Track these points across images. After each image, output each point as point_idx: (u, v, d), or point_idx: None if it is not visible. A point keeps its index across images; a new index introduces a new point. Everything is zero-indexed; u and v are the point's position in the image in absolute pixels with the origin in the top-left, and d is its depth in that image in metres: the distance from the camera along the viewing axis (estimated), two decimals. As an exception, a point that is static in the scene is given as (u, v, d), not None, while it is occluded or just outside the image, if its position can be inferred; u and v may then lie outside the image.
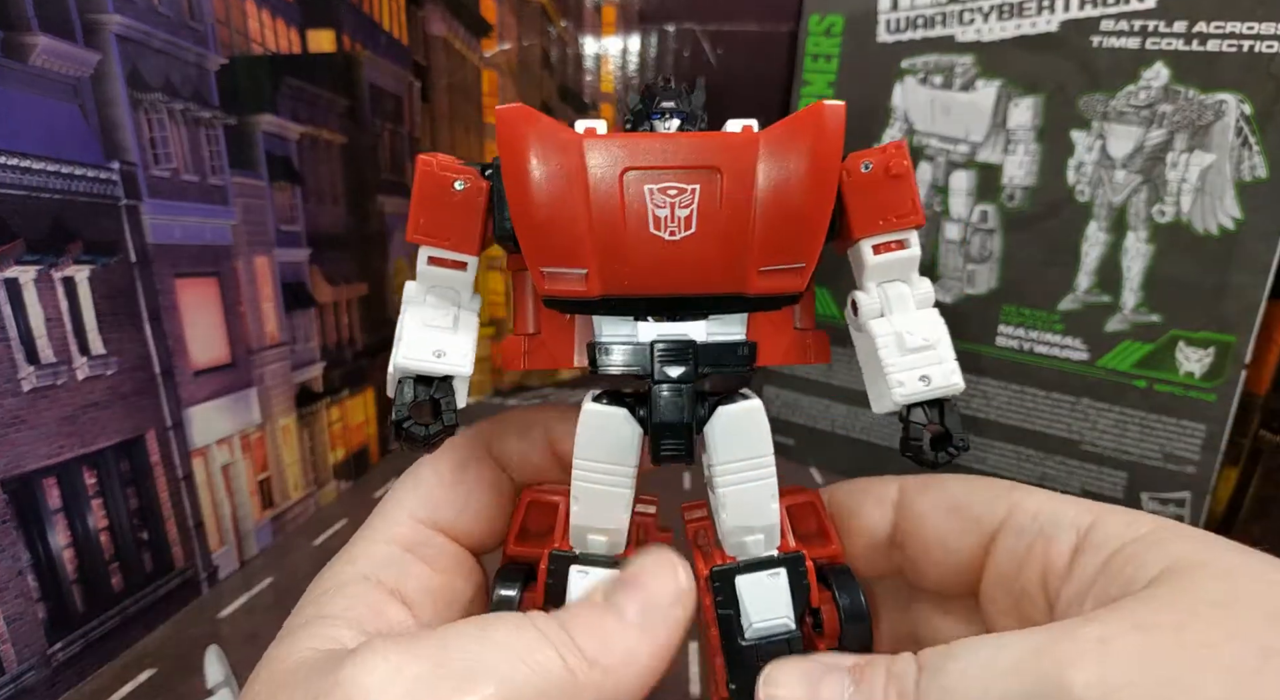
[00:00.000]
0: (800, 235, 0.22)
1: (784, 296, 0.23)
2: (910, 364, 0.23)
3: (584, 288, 0.22)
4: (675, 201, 0.22)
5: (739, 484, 0.24)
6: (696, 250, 0.22)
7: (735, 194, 0.22)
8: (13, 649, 0.34)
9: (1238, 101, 0.44)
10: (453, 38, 0.68)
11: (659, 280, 0.22)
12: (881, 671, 0.21)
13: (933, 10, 0.52)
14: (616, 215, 0.21)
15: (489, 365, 0.78)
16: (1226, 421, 0.47)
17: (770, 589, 0.24)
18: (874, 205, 0.23)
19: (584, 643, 0.21)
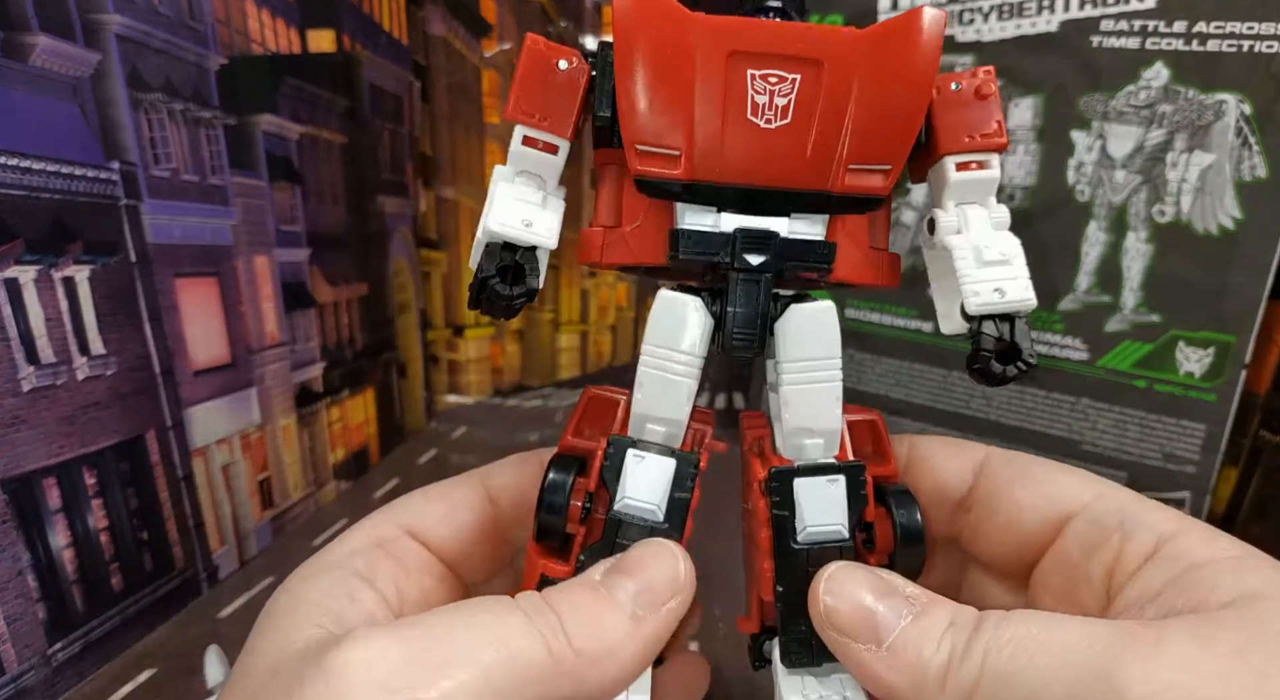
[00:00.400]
0: (892, 135, 0.22)
1: (867, 199, 0.23)
2: (986, 276, 0.23)
3: (676, 169, 0.22)
4: (775, 89, 0.22)
5: (805, 384, 0.23)
6: (790, 141, 0.22)
7: (834, 88, 0.22)
8: (13, 649, 0.34)
9: (1238, 101, 0.44)
10: (453, 38, 0.68)
11: (749, 169, 0.22)
12: (945, 616, 0.21)
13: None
14: (717, 96, 0.22)
15: (489, 365, 0.78)
16: (1226, 421, 0.47)
17: (828, 494, 0.23)
18: (962, 122, 0.23)
19: (571, 628, 0.20)
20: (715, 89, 0.22)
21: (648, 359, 0.24)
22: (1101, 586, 0.23)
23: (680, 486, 0.24)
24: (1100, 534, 0.23)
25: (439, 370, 0.76)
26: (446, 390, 0.77)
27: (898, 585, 0.22)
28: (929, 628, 0.21)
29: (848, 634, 0.21)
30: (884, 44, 0.22)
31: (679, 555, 0.23)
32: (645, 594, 0.22)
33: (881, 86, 0.22)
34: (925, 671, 0.20)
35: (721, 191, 0.23)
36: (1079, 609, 0.24)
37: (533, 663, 0.20)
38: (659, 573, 0.22)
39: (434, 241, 0.72)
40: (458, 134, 0.70)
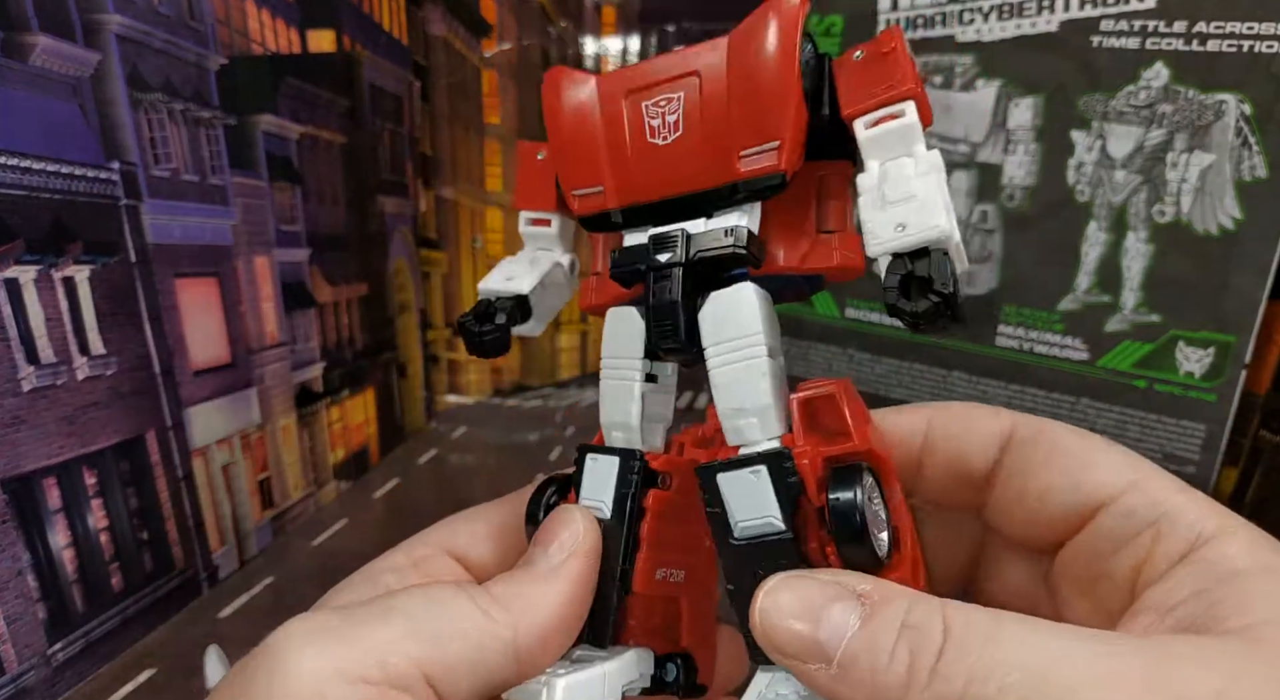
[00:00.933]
0: (770, 110, 0.23)
1: (769, 180, 0.23)
2: (887, 217, 0.22)
3: (602, 201, 0.25)
4: (665, 110, 0.24)
5: (728, 364, 0.23)
6: (685, 147, 0.24)
7: (712, 90, 0.24)
8: (13, 649, 0.34)
9: (1238, 101, 0.44)
10: (453, 38, 0.68)
11: (659, 182, 0.24)
12: (896, 616, 0.18)
13: (932, 10, 0.52)
14: (620, 132, 0.25)
15: (489, 365, 0.78)
16: (1226, 421, 0.47)
17: (752, 487, 0.22)
18: (864, 82, 0.23)
19: (498, 591, 0.22)
20: (618, 126, 0.25)
21: (603, 371, 0.25)
22: (1125, 584, 0.21)
23: (622, 482, 0.24)
24: (1130, 529, 0.21)
25: (439, 370, 0.76)
26: (446, 390, 0.77)
27: (846, 585, 0.20)
28: (878, 634, 0.18)
29: (795, 656, 0.19)
30: (745, 34, 0.24)
31: (576, 515, 0.24)
32: (555, 545, 0.23)
33: (749, 69, 0.23)
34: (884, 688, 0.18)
35: (647, 213, 0.25)
36: (1099, 603, 0.23)
37: (464, 614, 0.21)
38: (561, 538, 0.24)
39: (434, 241, 0.72)
40: (458, 134, 0.70)
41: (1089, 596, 0.23)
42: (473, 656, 0.21)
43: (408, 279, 0.69)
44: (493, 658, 0.21)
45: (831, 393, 0.23)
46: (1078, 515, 0.23)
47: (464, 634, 0.21)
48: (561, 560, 0.23)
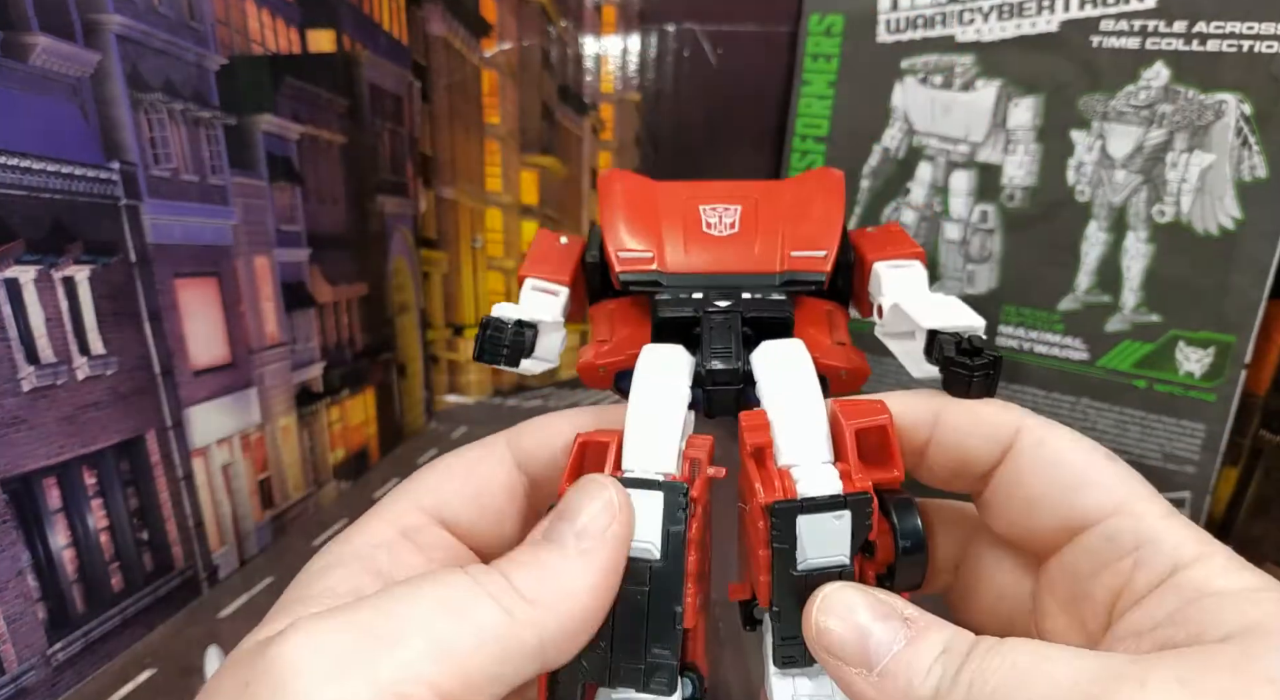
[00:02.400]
0: (822, 226, 0.29)
1: (812, 276, 0.27)
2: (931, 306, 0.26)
3: (650, 263, 0.28)
4: (722, 214, 0.29)
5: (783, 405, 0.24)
6: (739, 242, 0.28)
7: (768, 209, 0.29)
8: (13, 649, 0.34)
9: (1238, 101, 0.44)
10: (453, 38, 0.68)
11: (709, 264, 0.28)
12: (939, 642, 0.20)
13: (933, 10, 0.52)
14: (677, 220, 0.29)
15: (489, 366, 0.78)
16: (1226, 421, 0.47)
17: (832, 529, 0.23)
18: (881, 243, 0.29)
19: (520, 582, 0.20)
20: (675, 215, 0.29)
21: (635, 395, 0.24)
22: (1104, 608, 0.22)
23: (672, 519, 0.23)
24: (1112, 554, 0.22)
25: (439, 370, 0.76)
26: (446, 390, 0.76)
27: (896, 607, 0.21)
28: (920, 655, 0.20)
29: (840, 657, 0.21)
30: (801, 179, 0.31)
31: (606, 483, 0.22)
32: (583, 525, 0.22)
33: (806, 195, 0.30)
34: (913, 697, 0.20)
35: (691, 281, 0.27)
36: (1079, 623, 0.23)
37: (486, 621, 0.19)
38: (591, 505, 0.22)
39: (434, 241, 0.72)
40: (458, 134, 0.70)
41: (1068, 613, 0.24)
42: (495, 668, 0.20)
43: (408, 279, 0.69)
44: (515, 663, 0.20)
45: (884, 424, 0.24)
46: (1064, 531, 0.23)
47: (486, 644, 0.19)
48: (593, 543, 0.21)
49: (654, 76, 0.66)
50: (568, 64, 0.69)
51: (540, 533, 0.22)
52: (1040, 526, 0.24)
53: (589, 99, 0.69)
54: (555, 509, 0.22)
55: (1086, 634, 0.23)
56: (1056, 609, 0.24)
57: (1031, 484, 0.24)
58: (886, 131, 0.55)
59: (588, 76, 0.68)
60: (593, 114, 0.69)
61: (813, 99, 0.57)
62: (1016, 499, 0.24)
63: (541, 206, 0.72)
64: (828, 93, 0.57)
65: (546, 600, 0.20)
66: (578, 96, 0.69)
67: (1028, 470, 0.24)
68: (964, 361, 0.24)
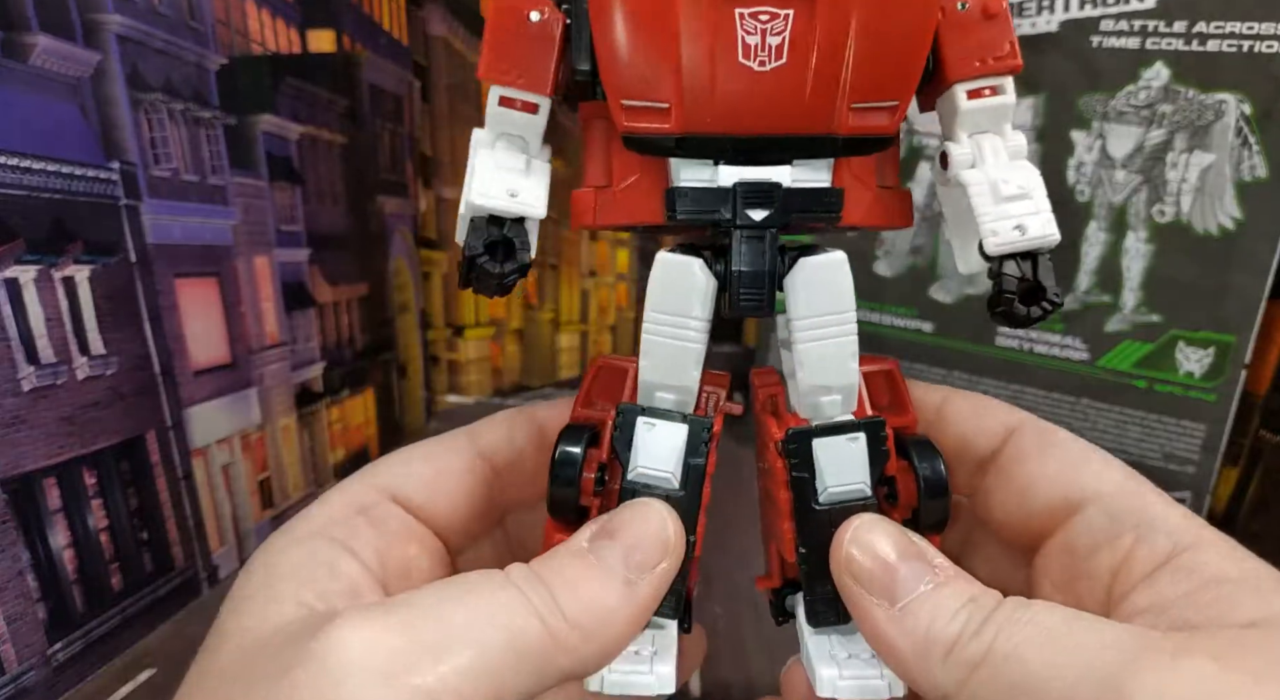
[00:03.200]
0: (897, 68, 0.21)
1: (875, 139, 0.21)
2: (1005, 212, 0.22)
3: (666, 123, 0.21)
4: (767, 28, 0.20)
5: (819, 340, 0.22)
6: (787, 82, 0.20)
7: (831, 21, 0.20)
8: (13, 649, 0.34)
9: (1238, 101, 0.44)
10: (453, 38, 0.68)
11: (745, 117, 0.21)
12: (967, 591, 0.20)
13: (933, 10, 0.52)
14: (705, 40, 0.20)
15: (489, 365, 0.78)
16: (1226, 421, 0.47)
17: (848, 453, 0.22)
18: (970, 46, 0.22)
19: (565, 601, 0.20)
20: (702, 32, 0.20)
21: (651, 326, 0.23)
22: (1102, 585, 0.22)
23: (694, 452, 0.23)
24: (1112, 530, 0.22)
25: (439, 370, 0.76)
26: (446, 390, 0.76)
27: (926, 551, 0.21)
28: (948, 599, 0.20)
29: (865, 585, 0.21)
30: None
31: (666, 515, 0.22)
32: (635, 557, 0.21)
33: (882, 13, 0.20)
34: (932, 641, 0.20)
35: (718, 142, 0.21)
36: (1075, 601, 0.23)
37: (530, 640, 0.19)
38: (647, 534, 0.21)
39: (434, 241, 0.72)
40: (458, 134, 0.70)
41: (1064, 592, 0.24)
42: (529, 683, 0.20)
43: (408, 279, 0.69)
44: (549, 681, 0.20)
45: (889, 369, 0.24)
46: (1062, 509, 0.24)
47: (526, 664, 0.19)
48: (641, 577, 0.21)
49: None
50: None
51: (584, 541, 0.22)
52: (1037, 506, 0.24)
53: (589, 99, 0.69)
54: (606, 523, 0.22)
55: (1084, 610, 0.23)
56: (1052, 590, 0.24)
57: (1031, 463, 0.24)
58: (886, 131, 0.55)
59: (588, 76, 0.68)
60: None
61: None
62: (1015, 478, 0.24)
63: (541, 206, 0.72)
64: (828, 93, 0.57)
65: (588, 627, 0.20)
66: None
67: (1031, 450, 0.24)
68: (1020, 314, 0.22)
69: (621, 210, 0.23)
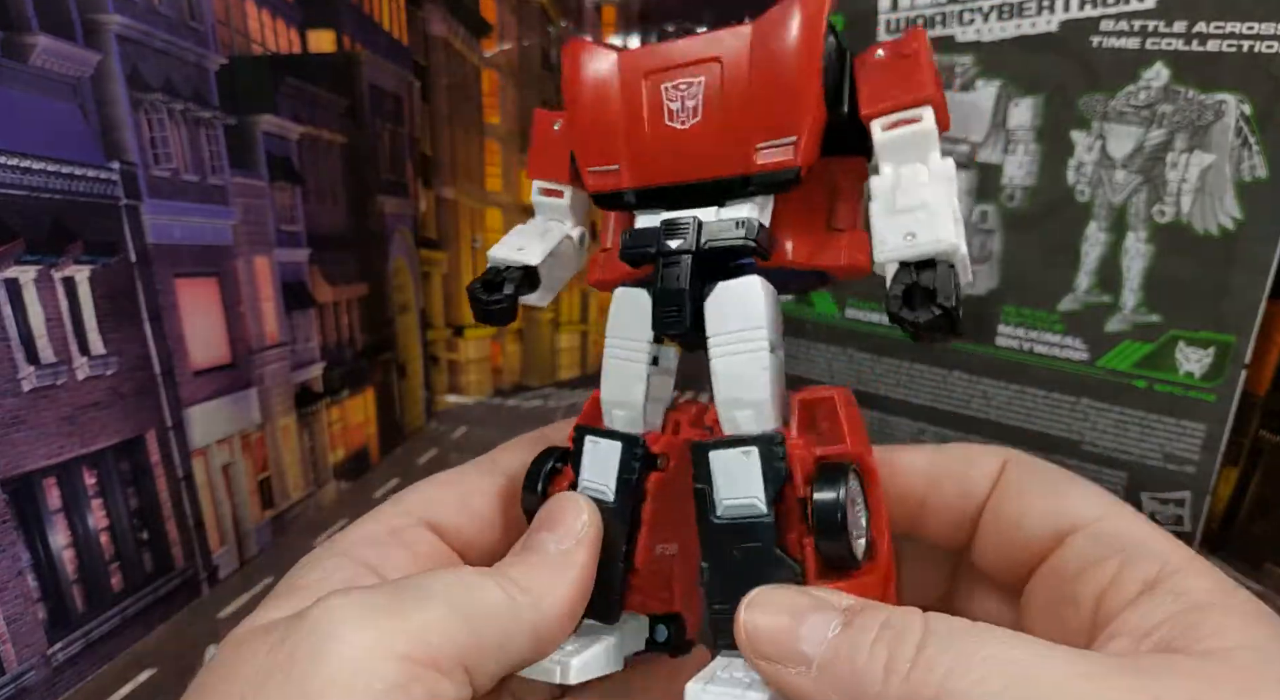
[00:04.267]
0: (790, 105, 0.23)
1: (783, 174, 0.23)
2: (896, 223, 0.22)
3: (617, 180, 0.25)
4: (685, 94, 0.24)
5: (729, 354, 0.23)
6: (702, 133, 0.24)
7: (733, 78, 0.24)
8: (13, 649, 0.34)
9: (1238, 101, 0.44)
10: (453, 38, 0.68)
11: (675, 167, 0.25)
12: (877, 620, 0.19)
13: (932, 10, 0.52)
14: (639, 112, 0.25)
15: (489, 365, 0.78)
16: (1226, 421, 0.47)
17: (741, 467, 0.23)
18: (883, 84, 0.24)
19: (516, 576, 0.23)
20: (636, 105, 0.25)
21: (609, 349, 0.26)
22: (1089, 610, 0.22)
23: (625, 468, 0.25)
24: (1098, 554, 0.22)
25: (439, 370, 0.76)
26: (446, 390, 0.77)
27: (828, 600, 0.20)
28: (858, 635, 0.19)
29: (775, 658, 0.20)
30: (770, 24, 0.24)
31: (581, 503, 0.25)
32: (561, 531, 0.24)
33: (771, 60, 0.23)
34: (862, 683, 0.18)
35: (660, 195, 0.25)
36: (1061, 627, 0.23)
37: (494, 599, 0.22)
38: (564, 517, 0.24)
39: (434, 241, 0.72)
40: (458, 134, 0.70)
41: (1051, 618, 0.24)
42: (501, 640, 0.21)
43: (408, 279, 0.69)
44: (517, 641, 0.22)
45: (830, 397, 0.24)
46: (1051, 537, 0.24)
47: (495, 618, 0.21)
48: (570, 548, 0.24)
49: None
50: (568, 64, 0.69)
51: (521, 545, 0.25)
52: (1026, 538, 0.24)
53: (589, 99, 0.69)
54: (534, 522, 0.25)
55: (1069, 636, 0.23)
56: (1040, 620, 0.24)
57: (1018, 498, 0.25)
58: (886, 131, 0.55)
59: (588, 76, 0.68)
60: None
61: (813, 99, 0.57)
62: (1004, 515, 0.25)
63: (541, 206, 0.72)
64: (828, 93, 0.57)
65: (537, 590, 0.23)
66: (578, 96, 0.69)
67: (1017, 485, 0.25)
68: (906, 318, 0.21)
69: (611, 267, 0.27)
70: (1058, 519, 0.24)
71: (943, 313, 0.21)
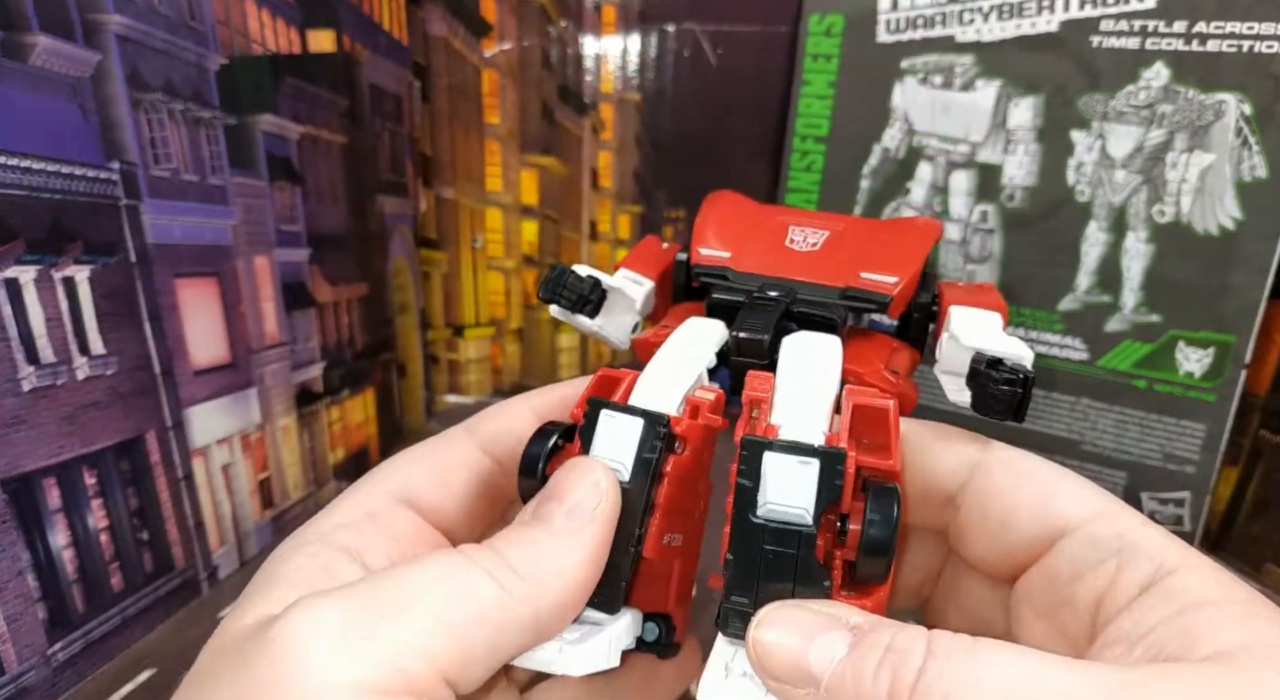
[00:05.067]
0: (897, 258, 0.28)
1: (876, 296, 0.27)
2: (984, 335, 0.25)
3: (725, 261, 0.29)
4: (808, 235, 0.30)
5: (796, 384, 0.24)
6: (817, 256, 0.29)
7: (854, 236, 0.29)
8: (13, 649, 0.34)
9: (1238, 101, 0.44)
10: (453, 38, 0.68)
11: (781, 265, 0.29)
12: (882, 641, 0.19)
13: (933, 10, 0.52)
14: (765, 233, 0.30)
15: (489, 365, 0.78)
16: (1226, 421, 0.47)
17: (797, 475, 0.22)
18: (966, 293, 0.29)
19: (514, 559, 0.21)
20: (763, 228, 0.30)
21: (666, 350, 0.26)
22: (1087, 613, 0.22)
23: (645, 447, 0.23)
24: (1094, 557, 0.22)
25: (439, 370, 0.76)
26: (446, 390, 0.76)
27: (839, 617, 0.20)
28: (863, 657, 0.19)
29: (784, 680, 0.20)
30: (900, 222, 0.32)
31: (599, 468, 0.23)
32: (571, 504, 0.22)
33: (893, 235, 0.30)
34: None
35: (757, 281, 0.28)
36: (1060, 631, 0.23)
37: (483, 595, 0.20)
38: (579, 486, 0.22)
39: (434, 241, 0.72)
40: (458, 134, 0.70)
41: (1049, 622, 0.23)
42: (492, 641, 0.20)
43: (408, 279, 0.69)
44: (510, 637, 0.20)
45: (885, 408, 0.24)
46: (1042, 539, 0.23)
47: (485, 618, 0.20)
48: (583, 522, 0.22)
49: (654, 77, 0.66)
50: (568, 64, 0.69)
51: (529, 513, 0.22)
52: (1016, 539, 0.24)
53: (589, 99, 0.69)
54: (543, 490, 0.23)
55: (1069, 640, 0.23)
56: (1034, 617, 0.24)
57: (1005, 496, 0.24)
58: (886, 131, 0.55)
59: (588, 76, 0.68)
60: (593, 114, 0.69)
61: (813, 99, 0.57)
62: (993, 511, 0.24)
63: (541, 207, 0.72)
64: (828, 93, 0.57)
65: (539, 576, 0.21)
66: (578, 97, 0.69)
67: (999, 481, 0.24)
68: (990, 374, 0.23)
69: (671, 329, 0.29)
70: (1049, 520, 0.23)
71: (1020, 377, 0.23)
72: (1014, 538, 0.24)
